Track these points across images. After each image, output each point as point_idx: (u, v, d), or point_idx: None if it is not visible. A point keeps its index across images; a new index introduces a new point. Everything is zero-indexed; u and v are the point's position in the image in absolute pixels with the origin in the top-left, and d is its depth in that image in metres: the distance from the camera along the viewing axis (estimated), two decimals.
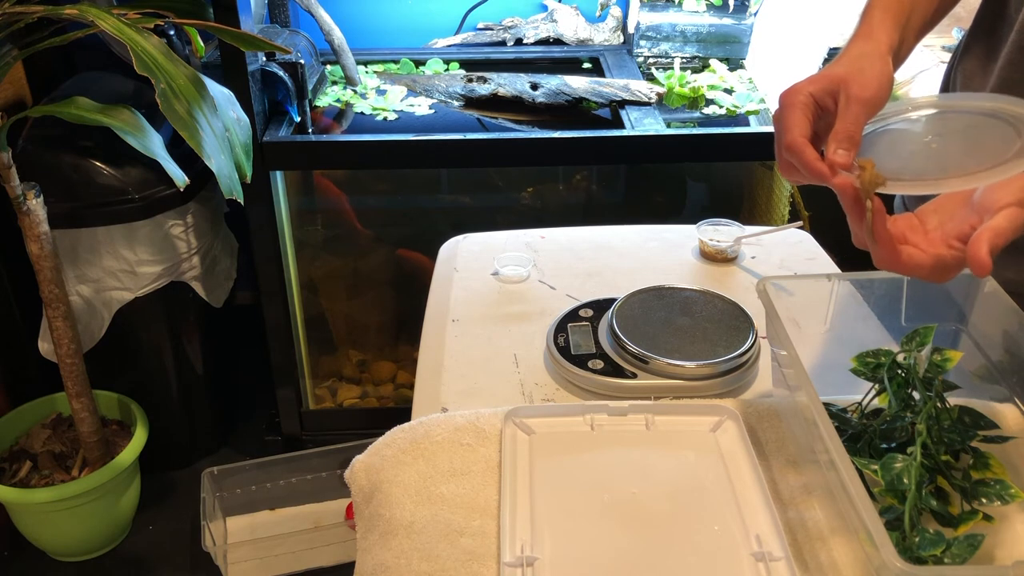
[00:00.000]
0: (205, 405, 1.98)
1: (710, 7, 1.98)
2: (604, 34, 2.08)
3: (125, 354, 1.81)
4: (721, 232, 1.11)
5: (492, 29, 2.08)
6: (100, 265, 1.68)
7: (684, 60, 1.99)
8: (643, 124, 1.69)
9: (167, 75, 1.18)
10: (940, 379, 0.74)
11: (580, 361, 0.87)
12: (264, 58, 1.62)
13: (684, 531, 0.69)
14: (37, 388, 1.82)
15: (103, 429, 1.71)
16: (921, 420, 0.70)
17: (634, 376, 0.85)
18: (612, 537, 0.69)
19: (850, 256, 0.82)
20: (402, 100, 1.85)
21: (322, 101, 1.84)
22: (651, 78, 1.94)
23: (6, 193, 1.42)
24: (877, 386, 0.76)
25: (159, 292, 1.74)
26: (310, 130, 1.71)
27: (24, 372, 1.86)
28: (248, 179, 1.35)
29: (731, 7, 1.97)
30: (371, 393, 2.08)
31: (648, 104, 1.78)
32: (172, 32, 1.74)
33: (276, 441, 2.00)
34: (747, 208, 1.99)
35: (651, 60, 2.01)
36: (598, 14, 2.08)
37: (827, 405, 0.74)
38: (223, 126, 1.29)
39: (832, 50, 1.68)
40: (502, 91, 1.82)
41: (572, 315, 0.95)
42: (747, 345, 0.87)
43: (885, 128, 0.70)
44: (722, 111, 1.80)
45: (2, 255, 1.77)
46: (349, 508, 1.75)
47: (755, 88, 1.88)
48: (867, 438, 0.72)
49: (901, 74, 1.56)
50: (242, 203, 1.32)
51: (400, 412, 0.88)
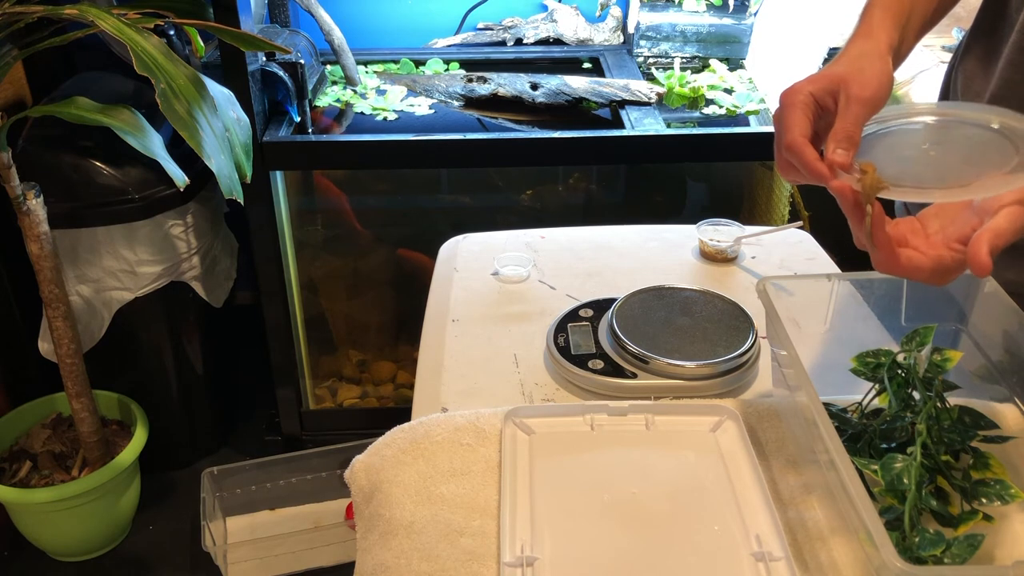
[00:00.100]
0: (205, 405, 1.98)
1: (710, 7, 1.98)
2: (604, 34, 2.08)
3: (125, 354, 1.81)
4: (721, 232, 1.11)
5: (492, 29, 2.08)
6: (100, 265, 1.68)
7: (684, 60, 1.99)
8: (643, 124, 1.69)
9: (167, 75, 1.18)
10: (940, 379, 0.74)
11: (580, 361, 0.87)
12: (264, 58, 1.62)
13: (684, 531, 0.69)
14: (37, 388, 1.82)
15: (103, 429, 1.71)
16: (921, 420, 0.70)
17: (634, 376, 0.85)
18: (612, 537, 0.69)
19: (850, 256, 0.82)
20: (402, 100, 1.85)
21: (322, 101, 1.84)
22: (651, 78, 1.94)
23: (6, 193, 1.42)
24: (877, 386, 0.76)
25: (159, 292, 1.74)
26: (310, 130, 1.70)
27: (24, 372, 1.86)
28: (248, 179, 1.35)
29: (731, 7, 1.97)
30: (371, 393, 2.08)
31: (648, 104, 1.78)
32: (172, 32, 1.74)
33: (276, 441, 2.00)
34: (747, 208, 1.98)
35: (651, 60, 2.01)
36: (598, 14, 2.08)
37: (827, 405, 0.74)
38: (223, 126, 1.29)
39: (832, 50, 1.68)
40: (502, 91, 1.82)
41: (572, 315, 0.95)
42: (747, 345, 0.87)
43: (884, 131, 0.70)
44: (722, 111, 1.80)
45: (2, 255, 1.77)
46: (349, 508, 1.75)
47: (755, 88, 1.88)
48: (867, 438, 0.72)
49: (901, 74, 1.56)
50: (242, 203, 1.32)
51: (400, 412, 0.88)
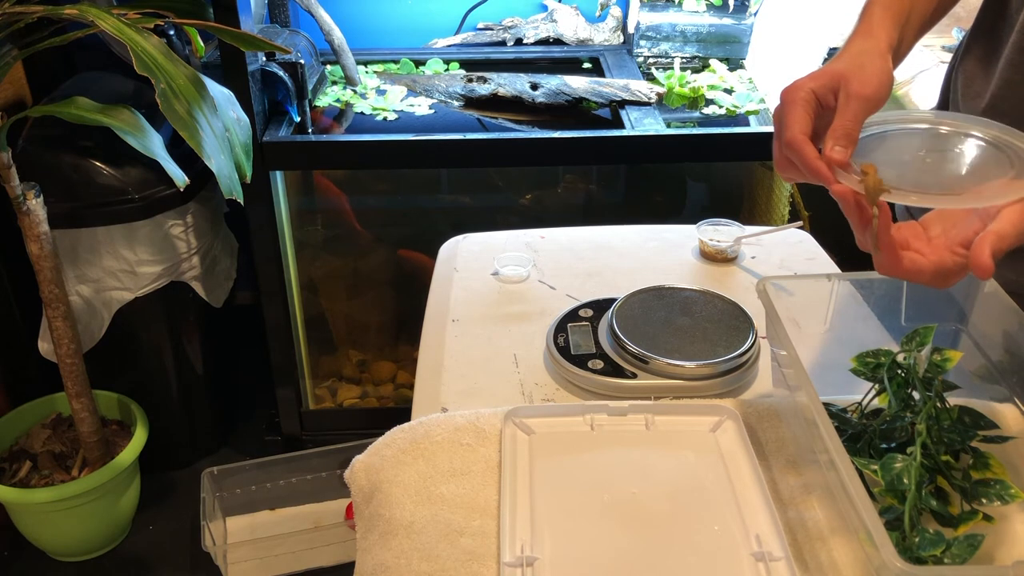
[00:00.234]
0: (205, 405, 1.98)
1: (710, 7, 1.98)
2: (604, 34, 2.08)
3: (125, 354, 1.81)
4: (721, 232, 1.11)
5: (492, 29, 2.08)
6: (100, 265, 1.68)
7: (684, 60, 1.99)
8: (643, 124, 1.69)
9: (167, 75, 1.18)
10: (940, 379, 0.73)
11: (580, 361, 0.87)
12: (264, 58, 1.62)
13: (684, 531, 0.69)
14: (37, 388, 1.82)
15: (103, 429, 1.71)
16: (921, 420, 0.70)
17: (634, 376, 0.85)
18: (612, 537, 0.69)
19: (850, 256, 0.82)
20: (402, 100, 1.85)
21: (322, 101, 1.84)
22: (651, 78, 1.94)
23: (6, 193, 1.42)
24: (877, 386, 0.76)
25: (159, 292, 1.74)
26: (310, 130, 1.70)
27: (24, 372, 1.86)
28: (248, 179, 1.35)
29: (731, 7, 1.97)
30: (371, 393, 2.08)
31: (648, 104, 1.78)
32: (172, 32, 1.74)
33: (276, 441, 2.00)
34: (747, 208, 1.98)
35: (651, 60, 2.01)
36: (598, 14, 2.08)
37: (827, 405, 0.74)
38: (223, 126, 1.29)
39: (832, 50, 1.68)
40: (502, 91, 1.82)
41: (572, 315, 0.94)
42: (747, 345, 0.87)
43: (880, 134, 0.70)
44: (722, 111, 1.80)
45: (2, 255, 1.77)
46: (349, 508, 1.75)
47: (755, 88, 1.88)
48: (867, 438, 0.72)
49: (901, 74, 1.56)
50: (242, 203, 1.32)
51: (400, 412, 0.88)
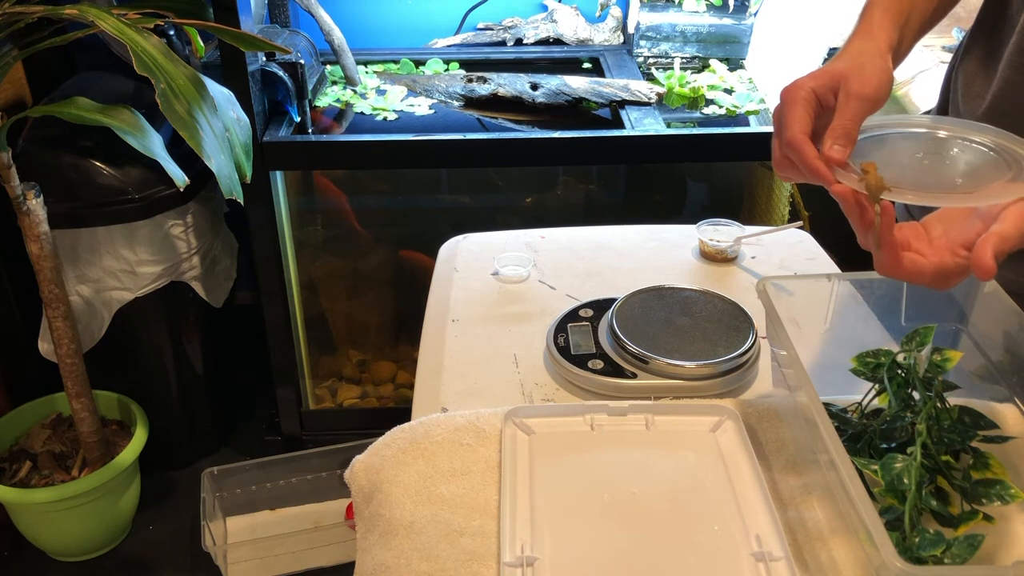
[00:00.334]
0: (205, 405, 1.98)
1: (710, 7, 1.98)
2: (604, 34, 2.08)
3: (125, 354, 1.81)
4: (721, 232, 1.11)
5: (492, 29, 2.08)
6: (100, 265, 1.68)
7: (684, 60, 1.99)
8: (643, 124, 1.69)
9: (167, 75, 1.18)
10: (940, 379, 0.73)
11: (580, 361, 0.87)
12: (264, 58, 1.62)
13: (684, 531, 0.69)
14: (37, 388, 1.82)
15: (103, 429, 1.71)
16: (921, 420, 0.70)
17: (634, 376, 0.85)
18: (612, 537, 0.69)
19: (850, 256, 0.82)
20: (402, 100, 1.85)
21: (322, 101, 1.84)
22: (651, 78, 1.94)
23: (6, 193, 1.42)
24: (877, 386, 0.76)
25: (159, 292, 1.74)
26: (310, 130, 1.70)
27: (24, 372, 1.86)
28: (248, 179, 1.35)
29: (731, 7, 1.97)
30: (371, 393, 2.08)
31: (648, 104, 1.78)
32: (172, 32, 1.74)
33: (276, 441, 2.00)
34: (747, 208, 1.98)
35: (651, 60, 2.01)
36: (598, 14, 2.08)
37: (827, 405, 0.74)
38: (223, 126, 1.29)
39: (832, 50, 1.68)
40: (502, 91, 1.82)
41: (572, 315, 0.94)
42: (747, 345, 0.87)
43: (878, 136, 0.70)
44: (722, 111, 1.80)
45: (2, 255, 1.77)
46: (349, 508, 1.75)
47: (755, 88, 1.88)
48: (867, 438, 0.72)
49: (901, 74, 1.56)
50: (242, 203, 1.32)
51: (400, 412, 0.88)
